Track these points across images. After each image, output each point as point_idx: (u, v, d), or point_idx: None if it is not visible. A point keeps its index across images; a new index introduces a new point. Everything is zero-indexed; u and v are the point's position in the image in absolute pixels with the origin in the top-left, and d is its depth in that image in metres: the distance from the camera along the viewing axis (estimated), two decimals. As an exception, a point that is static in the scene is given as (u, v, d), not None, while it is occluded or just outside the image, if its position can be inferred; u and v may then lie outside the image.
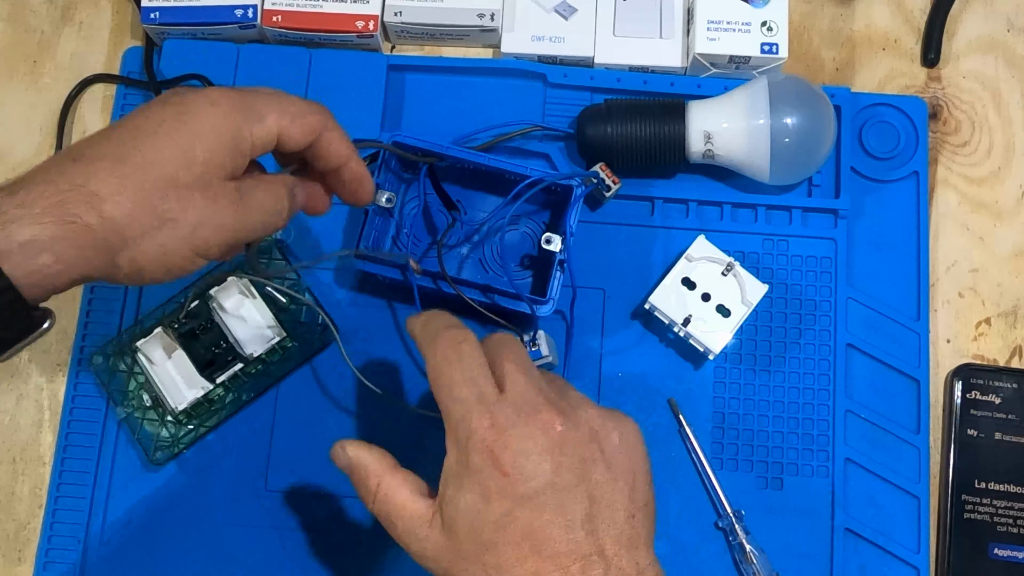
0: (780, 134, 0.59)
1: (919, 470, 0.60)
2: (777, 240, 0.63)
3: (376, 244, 0.60)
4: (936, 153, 0.66)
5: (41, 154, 0.66)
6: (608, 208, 0.63)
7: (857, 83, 0.67)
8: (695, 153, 0.61)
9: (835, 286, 0.62)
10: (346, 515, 0.59)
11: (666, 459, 0.60)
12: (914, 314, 0.62)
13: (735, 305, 0.59)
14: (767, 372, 0.61)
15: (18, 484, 0.61)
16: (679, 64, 0.65)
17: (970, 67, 0.67)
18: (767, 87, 0.60)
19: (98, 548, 0.59)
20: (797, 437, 0.60)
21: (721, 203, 0.63)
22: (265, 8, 0.64)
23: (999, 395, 0.61)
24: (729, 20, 0.63)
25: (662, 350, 0.62)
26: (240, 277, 0.60)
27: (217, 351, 0.59)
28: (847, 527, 0.59)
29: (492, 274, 0.61)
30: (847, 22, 0.68)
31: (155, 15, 0.64)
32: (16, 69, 0.67)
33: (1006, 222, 0.65)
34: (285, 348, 0.60)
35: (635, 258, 0.62)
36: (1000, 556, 0.59)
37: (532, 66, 0.65)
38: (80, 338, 0.62)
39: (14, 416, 0.62)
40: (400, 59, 0.66)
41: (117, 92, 0.66)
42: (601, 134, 0.61)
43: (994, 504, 0.60)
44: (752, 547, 0.58)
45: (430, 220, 0.62)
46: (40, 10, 0.68)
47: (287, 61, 0.64)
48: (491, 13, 0.64)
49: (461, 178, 0.62)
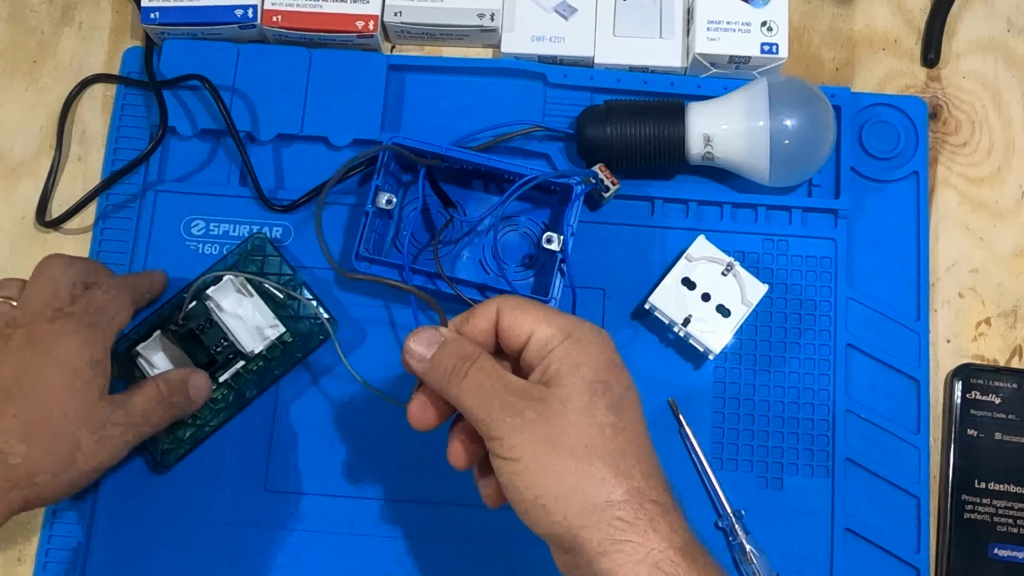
0: (780, 136, 0.59)
1: (919, 470, 0.60)
2: (777, 240, 0.63)
3: (376, 245, 0.60)
4: (936, 153, 0.66)
5: (41, 154, 0.66)
6: (608, 208, 0.63)
7: (857, 83, 0.67)
8: (695, 155, 0.61)
9: (835, 286, 0.62)
10: (346, 515, 0.59)
11: (666, 459, 0.59)
12: (914, 314, 0.62)
13: (735, 305, 0.59)
14: (767, 372, 0.61)
15: (18, 484, 0.61)
16: (679, 64, 0.65)
17: (970, 67, 0.67)
18: (767, 89, 0.60)
19: (98, 548, 0.59)
20: (797, 437, 0.60)
21: (721, 203, 0.63)
22: (265, 8, 0.64)
23: (999, 395, 0.61)
24: (729, 20, 0.63)
25: (662, 350, 0.62)
26: (236, 275, 0.59)
27: (218, 350, 0.59)
28: (847, 527, 0.59)
29: (492, 275, 0.61)
30: (847, 22, 0.68)
31: (155, 15, 0.64)
32: (16, 69, 0.67)
33: (1006, 222, 0.65)
34: (285, 344, 0.60)
35: (635, 258, 0.62)
36: (1000, 556, 0.59)
37: (532, 66, 0.65)
38: (80, 338, 0.62)
39: (14, 416, 0.62)
40: (400, 59, 0.66)
41: (117, 92, 0.66)
42: (600, 135, 0.61)
43: (994, 504, 0.60)
44: (752, 547, 0.58)
45: (429, 221, 0.62)
46: (40, 10, 0.68)
47: (287, 61, 0.64)
48: (491, 13, 0.64)
49: (461, 179, 0.62)
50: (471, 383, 0.46)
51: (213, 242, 0.63)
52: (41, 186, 0.64)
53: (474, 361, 0.47)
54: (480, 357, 0.47)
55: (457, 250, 0.62)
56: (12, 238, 0.64)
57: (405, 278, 0.58)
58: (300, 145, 0.64)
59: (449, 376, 0.47)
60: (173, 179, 0.64)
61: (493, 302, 0.49)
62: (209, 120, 0.64)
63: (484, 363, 0.47)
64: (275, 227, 0.63)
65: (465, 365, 0.47)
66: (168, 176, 0.64)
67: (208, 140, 0.65)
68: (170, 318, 0.59)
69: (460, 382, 0.47)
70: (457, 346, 0.48)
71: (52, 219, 0.64)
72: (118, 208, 0.64)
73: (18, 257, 0.64)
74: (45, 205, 0.64)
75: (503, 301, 0.49)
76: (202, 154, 0.64)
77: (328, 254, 0.54)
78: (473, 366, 0.47)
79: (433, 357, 0.48)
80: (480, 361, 0.47)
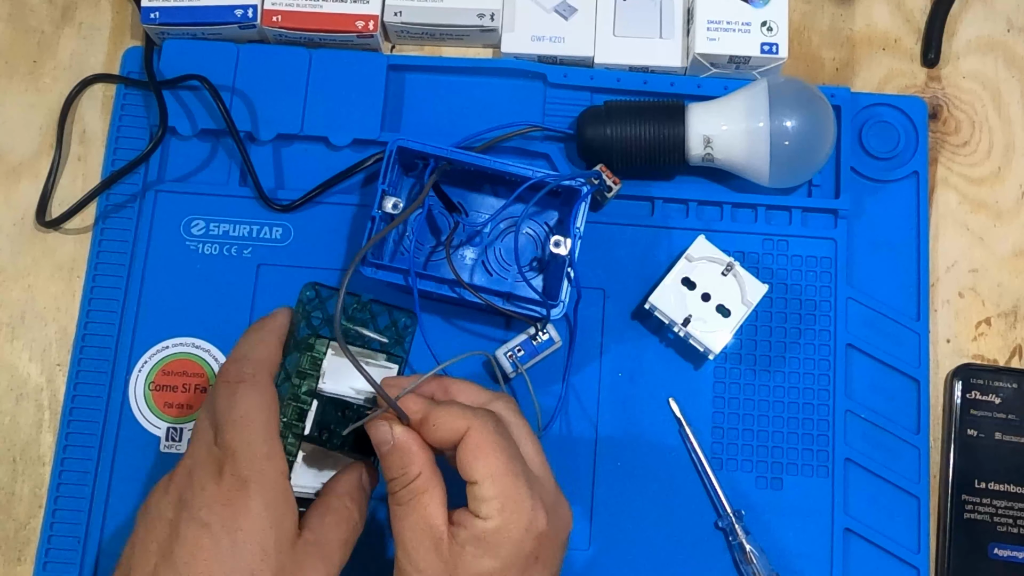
0: (780, 137, 0.59)
1: (919, 470, 0.60)
2: (777, 240, 0.63)
3: (381, 250, 0.60)
4: (936, 153, 0.66)
5: (41, 154, 0.66)
6: (608, 208, 0.63)
7: (857, 83, 0.67)
8: (695, 156, 0.61)
9: (835, 286, 0.62)
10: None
11: (666, 459, 0.60)
12: (914, 314, 0.62)
13: (735, 305, 0.59)
14: (767, 372, 0.61)
15: (18, 484, 0.61)
16: (679, 64, 0.65)
17: (970, 67, 0.67)
18: (767, 90, 0.60)
19: (98, 548, 0.59)
20: (797, 437, 0.60)
21: (721, 203, 0.63)
22: (265, 8, 0.64)
23: (999, 395, 0.61)
24: (729, 20, 0.63)
25: (662, 350, 0.62)
26: (336, 354, 0.53)
27: (356, 420, 0.51)
28: (847, 527, 0.59)
29: (496, 277, 0.61)
30: (847, 22, 0.68)
31: (155, 15, 0.64)
32: (16, 69, 0.67)
33: (1006, 222, 0.65)
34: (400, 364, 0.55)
35: (635, 258, 0.62)
36: (1000, 556, 0.59)
37: (532, 66, 0.65)
38: (80, 338, 0.62)
39: (14, 416, 0.62)
40: (400, 59, 0.66)
41: (117, 92, 0.66)
42: (600, 136, 0.61)
43: (994, 504, 0.60)
44: (752, 547, 0.58)
45: (433, 224, 0.62)
46: (40, 10, 0.68)
47: (287, 61, 0.64)
48: (491, 13, 0.64)
49: (463, 181, 0.62)
50: (396, 509, 0.48)
51: (213, 242, 0.63)
52: (41, 186, 0.64)
53: (407, 484, 0.48)
54: (416, 481, 0.48)
55: (460, 252, 0.62)
56: (12, 238, 0.64)
57: (410, 283, 0.57)
58: (300, 145, 0.64)
59: (389, 484, 0.48)
60: (173, 179, 0.64)
61: (467, 420, 0.48)
62: (209, 120, 0.64)
63: (416, 488, 0.48)
64: (275, 227, 0.63)
65: (398, 487, 0.48)
66: (168, 176, 0.64)
67: (208, 140, 0.65)
68: (292, 431, 0.52)
69: (392, 496, 0.48)
70: (400, 459, 0.48)
71: (52, 219, 0.64)
72: (118, 208, 0.64)
73: (18, 257, 0.64)
74: (45, 205, 0.64)
75: (476, 428, 0.47)
76: (202, 154, 0.64)
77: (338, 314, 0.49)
78: (405, 490, 0.48)
79: (383, 456, 0.49)
80: (413, 486, 0.48)
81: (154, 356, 0.61)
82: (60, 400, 0.62)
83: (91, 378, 0.61)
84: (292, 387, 0.52)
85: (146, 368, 0.61)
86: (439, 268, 0.60)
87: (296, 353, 0.53)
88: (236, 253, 0.63)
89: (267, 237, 0.63)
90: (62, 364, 0.62)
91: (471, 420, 0.48)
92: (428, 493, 0.47)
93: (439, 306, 0.62)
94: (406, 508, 0.47)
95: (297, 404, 0.52)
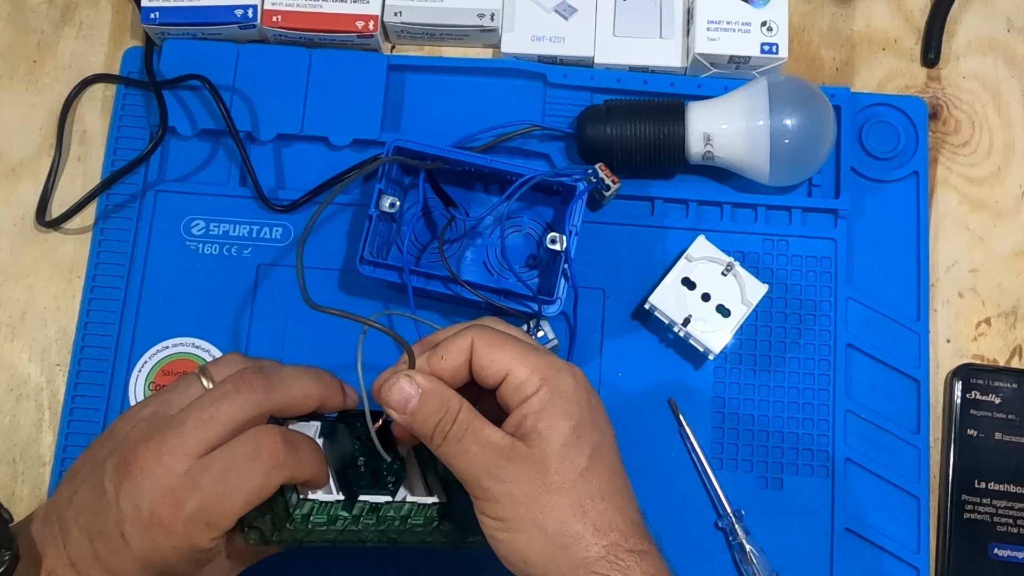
0: (780, 135, 0.59)
1: (919, 470, 0.60)
2: (777, 240, 0.63)
3: (379, 249, 0.60)
4: (936, 153, 0.66)
5: (41, 154, 0.66)
6: (608, 208, 0.63)
7: (857, 83, 0.67)
8: (695, 154, 0.61)
9: (835, 286, 0.62)
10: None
11: (666, 459, 0.60)
12: (914, 314, 0.62)
13: (735, 305, 0.59)
14: (767, 372, 0.61)
15: (18, 484, 0.61)
16: (679, 64, 0.65)
17: (970, 67, 0.67)
18: (767, 88, 0.60)
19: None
20: (797, 437, 0.60)
21: (721, 203, 0.63)
22: (265, 8, 0.64)
23: (999, 395, 0.61)
24: (729, 20, 0.63)
25: (662, 350, 0.62)
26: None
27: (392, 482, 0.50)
28: (847, 527, 0.59)
29: (495, 276, 0.61)
30: (847, 22, 0.68)
31: (155, 15, 0.64)
32: (16, 69, 0.67)
33: (1006, 222, 0.65)
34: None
35: (635, 258, 0.62)
36: (1000, 556, 0.59)
37: (532, 66, 0.65)
38: (80, 338, 0.62)
39: (14, 416, 0.62)
40: (400, 59, 0.66)
41: (117, 92, 0.66)
42: (600, 135, 0.61)
43: (994, 504, 0.60)
44: (752, 547, 0.58)
45: (431, 222, 0.62)
46: (40, 10, 0.68)
47: (287, 61, 0.64)
48: (491, 13, 0.64)
49: (463, 181, 0.62)
50: (455, 448, 0.47)
51: (213, 242, 0.63)
52: (41, 186, 0.64)
53: (455, 419, 0.47)
54: (460, 413, 0.47)
55: (459, 251, 0.62)
56: (12, 238, 0.64)
57: (404, 280, 0.57)
58: (300, 145, 0.64)
59: (432, 435, 0.47)
60: (173, 179, 0.64)
61: (467, 334, 0.48)
62: (209, 120, 0.64)
63: (465, 420, 0.47)
64: (275, 227, 0.63)
65: (447, 426, 0.47)
66: (168, 176, 0.64)
67: (208, 140, 0.65)
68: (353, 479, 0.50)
69: (443, 443, 0.47)
70: (436, 400, 0.47)
71: (52, 219, 0.64)
72: (118, 208, 0.64)
73: (18, 257, 0.64)
74: (45, 205, 0.64)
75: (477, 334, 0.48)
76: (202, 154, 0.64)
77: (303, 286, 0.48)
78: (455, 426, 0.47)
79: (413, 413, 0.48)
80: (461, 418, 0.47)
81: (154, 356, 0.61)
82: (60, 400, 0.62)
83: (91, 378, 0.61)
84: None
85: (146, 368, 0.61)
86: (439, 268, 0.60)
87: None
88: (236, 253, 0.63)
89: (267, 237, 0.63)
90: (62, 364, 0.62)
91: (470, 332, 0.48)
92: (477, 418, 0.47)
93: (439, 305, 0.62)
94: (464, 443, 0.47)
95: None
